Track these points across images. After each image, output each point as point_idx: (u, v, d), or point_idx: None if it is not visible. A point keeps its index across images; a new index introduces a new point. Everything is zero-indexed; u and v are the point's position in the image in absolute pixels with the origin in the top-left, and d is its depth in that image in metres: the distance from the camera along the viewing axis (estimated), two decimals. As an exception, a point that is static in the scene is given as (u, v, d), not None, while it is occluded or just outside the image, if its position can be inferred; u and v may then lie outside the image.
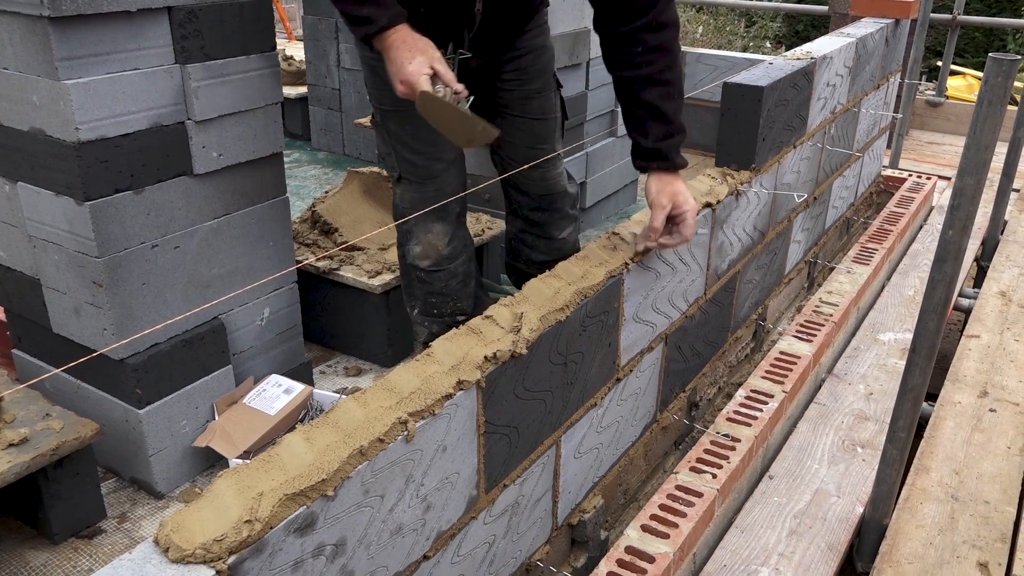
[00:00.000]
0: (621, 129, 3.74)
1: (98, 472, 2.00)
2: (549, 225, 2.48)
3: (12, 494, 1.86)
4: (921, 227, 3.71)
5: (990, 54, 1.46)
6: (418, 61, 1.72)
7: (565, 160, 3.39)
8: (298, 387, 2.25)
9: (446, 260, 2.27)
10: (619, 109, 3.68)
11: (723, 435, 2.12)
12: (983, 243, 3.34)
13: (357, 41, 2.02)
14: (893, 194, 3.96)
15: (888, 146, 4.31)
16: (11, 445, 1.79)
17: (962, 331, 2.67)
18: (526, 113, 2.27)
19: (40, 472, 1.83)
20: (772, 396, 2.30)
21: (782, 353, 2.52)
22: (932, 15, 4.58)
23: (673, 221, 1.82)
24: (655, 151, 1.85)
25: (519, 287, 1.71)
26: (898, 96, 4.13)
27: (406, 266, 2.32)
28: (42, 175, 1.84)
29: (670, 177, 1.84)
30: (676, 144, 1.87)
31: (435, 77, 1.71)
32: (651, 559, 1.73)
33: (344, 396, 2.40)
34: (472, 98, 1.81)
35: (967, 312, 2.85)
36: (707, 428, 2.17)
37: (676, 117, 1.88)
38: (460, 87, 1.72)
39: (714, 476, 1.98)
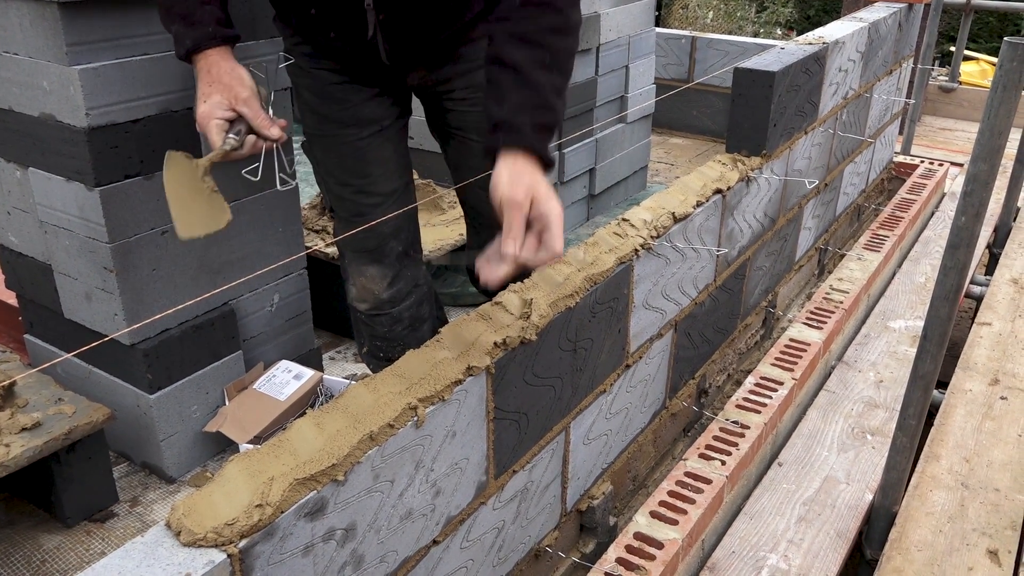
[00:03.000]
0: (631, 115, 3.72)
1: (110, 456, 2.02)
2: None
3: (25, 478, 1.87)
4: (933, 214, 3.69)
5: (1005, 38, 1.44)
6: (213, 101, 1.46)
7: (575, 146, 3.39)
8: (308, 373, 2.25)
9: (387, 304, 1.95)
10: (629, 95, 3.69)
11: (732, 422, 2.12)
12: (995, 230, 3.32)
13: None
14: (905, 181, 3.94)
15: (900, 132, 4.28)
16: (24, 429, 1.81)
17: (973, 318, 2.66)
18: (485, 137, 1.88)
19: (53, 456, 1.84)
20: (782, 383, 2.30)
21: (792, 340, 2.52)
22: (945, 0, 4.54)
23: (532, 228, 1.27)
24: (508, 123, 1.31)
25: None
26: (911, 82, 4.10)
27: (348, 305, 2.02)
28: (53, 161, 1.84)
29: (526, 163, 1.29)
30: (540, 124, 1.32)
31: (236, 122, 1.46)
32: (660, 545, 1.74)
33: (354, 382, 2.40)
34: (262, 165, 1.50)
35: (978, 299, 2.84)
36: (716, 415, 2.17)
37: (548, 92, 1.34)
38: (274, 133, 1.47)
39: (723, 463, 1.98)
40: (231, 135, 1.48)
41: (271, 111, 1.62)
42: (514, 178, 1.27)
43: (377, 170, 1.82)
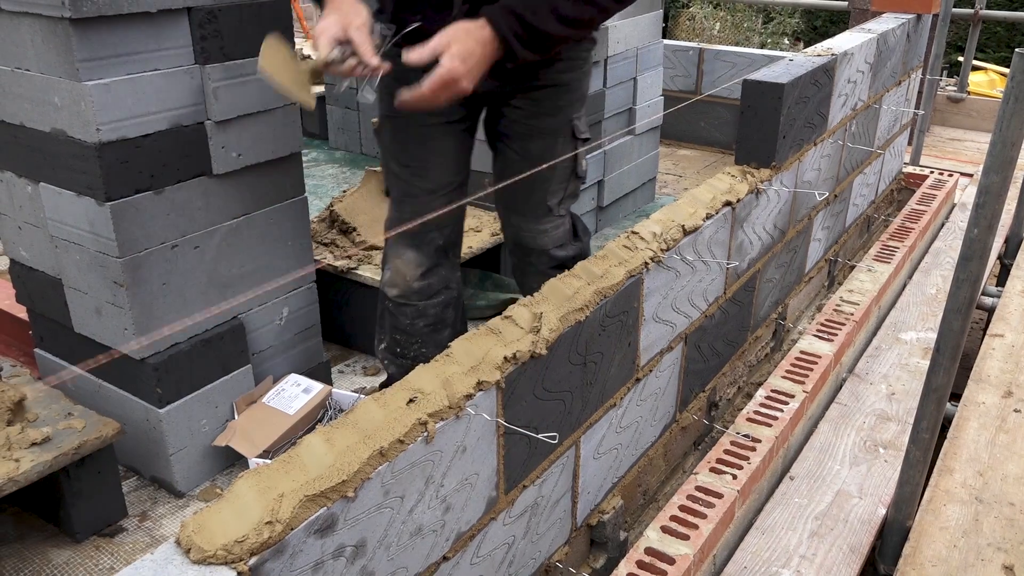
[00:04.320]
0: (639, 127, 3.72)
1: (119, 471, 2.02)
2: (525, 275, 2.16)
3: (35, 492, 1.87)
4: (943, 225, 3.67)
5: (1016, 50, 1.43)
6: (330, 20, 1.61)
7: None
8: (317, 386, 2.25)
9: (416, 295, 2.01)
10: (637, 107, 3.69)
11: (743, 435, 2.10)
12: (1006, 241, 3.29)
13: None
14: (914, 191, 3.92)
15: (909, 143, 4.27)
16: (34, 444, 1.81)
17: (985, 330, 2.64)
18: (525, 153, 1.97)
19: (62, 471, 1.84)
20: (792, 396, 2.28)
21: (802, 352, 2.50)
22: (954, 10, 4.53)
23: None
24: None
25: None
26: (919, 92, 4.09)
27: (379, 293, 2.11)
28: (64, 176, 1.85)
29: (477, 29, 1.59)
30: (513, 8, 1.60)
31: (345, 44, 1.60)
32: (671, 560, 1.72)
33: (363, 396, 2.40)
34: (377, 76, 1.64)
35: (990, 311, 2.82)
36: (727, 428, 2.16)
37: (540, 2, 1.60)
38: (373, 61, 1.59)
39: (734, 477, 1.97)
40: (336, 50, 1.60)
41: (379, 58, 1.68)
42: (451, 31, 1.56)
43: (435, 159, 1.94)
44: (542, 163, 1.93)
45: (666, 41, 4.56)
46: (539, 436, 1.39)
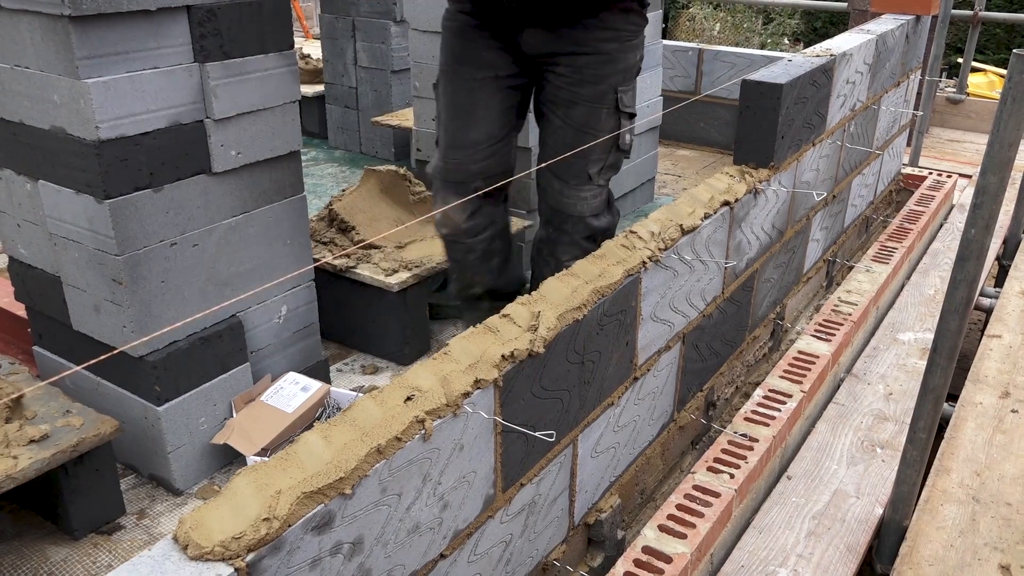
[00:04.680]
0: (638, 127, 3.72)
1: (117, 468, 2.02)
2: (556, 245, 2.29)
3: (33, 490, 1.87)
4: (941, 226, 3.68)
5: (1014, 50, 1.44)
6: None
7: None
8: (315, 385, 2.25)
9: (464, 234, 2.23)
10: (636, 107, 3.69)
11: (741, 435, 2.11)
12: (1005, 242, 3.30)
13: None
14: (913, 192, 3.92)
15: (908, 144, 4.27)
16: (32, 441, 1.81)
17: (983, 331, 2.64)
18: (568, 119, 2.12)
19: (60, 468, 1.84)
20: (790, 396, 2.28)
21: (800, 352, 2.50)
22: (953, 11, 4.53)
23: None
24: None
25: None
26: (918, 93, 4.09)
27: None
28: (63, 173, 1.85)
29: None
30: None
31: None
32: (668, 559, 1.73)
33: (361, 394, 2.40)
34: None
35: (988, 312, 2.82)
36: (724, 428, 2.16)
37: None
38: None
39: (732, 476, 1.97)
40: None
41: None
42: None
43: (481, 111, 2.10)
44: (585, 129, 2.11)
45: (665, 41, 4.57)
46: (537, 434, 1.40)
